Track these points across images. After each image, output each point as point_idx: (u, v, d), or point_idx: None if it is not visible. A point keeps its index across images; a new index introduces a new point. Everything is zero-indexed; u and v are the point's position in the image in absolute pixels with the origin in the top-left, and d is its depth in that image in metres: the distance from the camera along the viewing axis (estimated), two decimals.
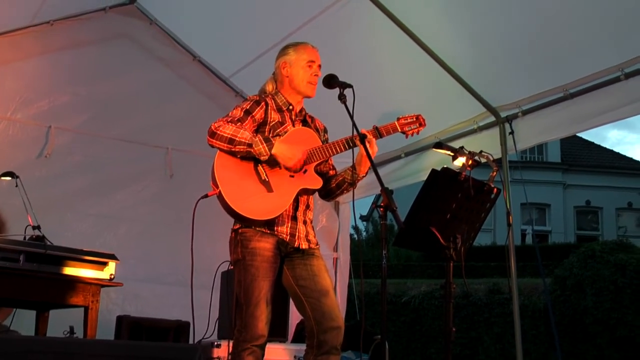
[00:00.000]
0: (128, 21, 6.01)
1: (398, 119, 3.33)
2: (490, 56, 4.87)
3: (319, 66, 3.35)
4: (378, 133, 3.25)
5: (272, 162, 3.12)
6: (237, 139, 3.03)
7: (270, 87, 3.41)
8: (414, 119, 3.35)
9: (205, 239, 3.71)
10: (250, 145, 3.02)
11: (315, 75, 3.32)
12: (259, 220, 3.07)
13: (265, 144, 3.03)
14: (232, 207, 3.02)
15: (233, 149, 3.04)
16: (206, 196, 3.09)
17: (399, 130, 3.32)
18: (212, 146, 3.10)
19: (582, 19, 4.23)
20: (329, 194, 3.45)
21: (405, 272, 16.88)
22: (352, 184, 3.34)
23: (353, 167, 3.30)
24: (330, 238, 6.79)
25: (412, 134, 3.36)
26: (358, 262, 3.82)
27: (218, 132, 3.06)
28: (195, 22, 5.93)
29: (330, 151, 3.22)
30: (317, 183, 3.25)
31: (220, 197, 3.05)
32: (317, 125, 3.49)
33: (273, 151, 3.05)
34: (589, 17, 4.20)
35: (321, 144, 3.29)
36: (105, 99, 5.90)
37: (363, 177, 3.32)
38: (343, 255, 6.83)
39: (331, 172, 3.47)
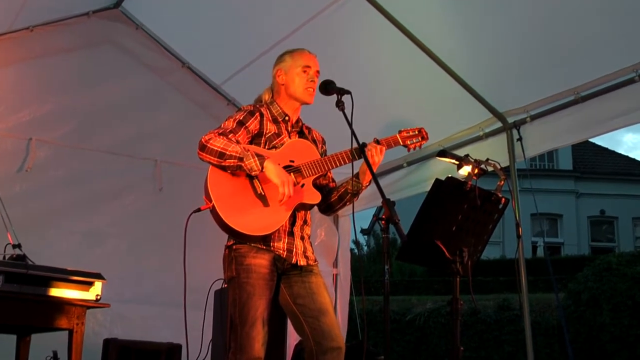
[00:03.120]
0: (113, 26, 6.02)
1: (400, 132, 3.37)
2: (496, 58, 4.88)
3: (317, 72, 3.36)
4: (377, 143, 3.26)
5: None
6: (227, 152, 3.02)
7: (266, 96, 3.42)
8: (416, 132, 3.40)
9: (197, 255, 3.70)
10: (241, 159, 3.01)
11: (311, 81, 3.33)
12: (254, 236, 3.07)
13: (257, 159, 3.02)
14: (227, 222, 3.01)
15: (223, 163, 3.04)
16: (199, 210, 3.09)
17: (401, 143, 3.37)
18: (202, 160, 3.10)
19: (594, 18, 4.24)
20: (330, 208, 3.46)
21: (409, 288, 16.86)
22: (355, 195, 3.36)
23: (356, 176, 3.31)
24: (329, 253, 6.78)
25: (414, 148, 3.40)
26: (359, 279, 3.83)
27: (208, 145, 3.06)
28: (183, 27, 5.94)
29: (329, 164, 3.23)
30: (316, 198, 3.25)
31: (213, 211, 3.05)
32: (315, 136, 3.51)
33: (265, 165, 3.02)
34: (600, 16, 4.21)
35: (319, 156, 3.30)
36: (90, 109, 5.90)
37: (367, 186, 3.33)
38: (343, 271, 6.82)
39: (331, 185, 3.48)
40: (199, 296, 4.14)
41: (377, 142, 3.26)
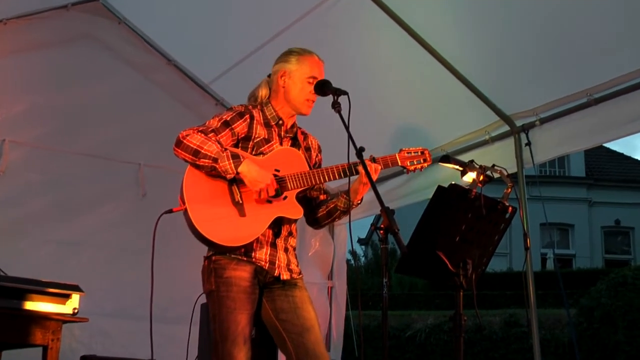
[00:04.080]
0: (93, 20, 6.01)
1: (400, 151, 3.35)
2: (503, 57, 4.90)
3: None
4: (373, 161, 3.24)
5: None
6: (202, 151, 3.02)
7: (263, 92, 3.40)
8: (419, 153, 3.36)
9: (184, 264, 3.71)
10: (215, 160, 3.00)
11: (315, 94, 3.31)
12: (224, 246, 3.07)
13: (232, 161, 3.01)
14: (197, 228, 3.02)
15: (197, 162, 3.04)
16: (170, 211, 3.10)
17: (399, 163, 3.33)
18: (178, 157, 3.10)
19: (607, 15, 4.25)
20: (317, 222, 3.47)
21: (409, 302, 16.87)
22: (346, 212, 3.36)
23: (347, 193, 3.29)
24: (324, 264, 6.78)
25: (414, 170, 3.37)
26: (356, 292, 3.84)
27: (184, 141, 3.06)
28: (169, 22, 5.94)
29: (316, 179, 3.22)
30: (296, 213, 3.23)
31: (186, 215, 3.06)
32: (310, 143, 3.50)
33: (240, 169, 3.02)
34: (615, 13, 4.22)
35: (308, 169, 3.28)
36: (67, 109, 5.89)
37: (358, 204, 3.32)
38: (339, 283, 6.82)
39: (322, 197, 3.49)
40: (186, 309, 4.14)
41: (373, 160, 3.25)
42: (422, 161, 3.35)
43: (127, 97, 6.18)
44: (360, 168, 3.12)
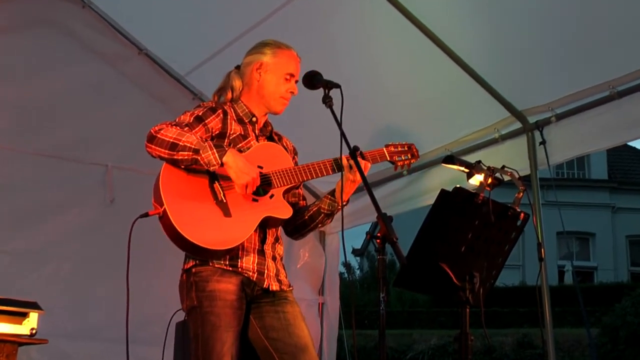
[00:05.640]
0: (54, 4, 5.99)
1: (387, 146, 3.45)
2: (513, 45, 4.90)
3: (297, 81, 3.40)
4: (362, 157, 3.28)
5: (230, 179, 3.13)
6: (181, 143, 3.02)
7: (238, 84, 3.41)
8: (406, 149, 3.49)
9: (156, 281, 3.70)
10: (196, 152, 3.00)
11: (290, 92, 3.38)
12: (211, 249, 3.05)
13: (215, 150, 3.02)
14: (180, 231, 2.99)
15: (175, 156, 3.03)
16: (146, 215, 3.10)
17: (387, 158, 3.45)
18: (151, 154, 3.10)
19: None
20: (297, 230, 3.50)
21: (410, 320, 16.91)
22: (330, 216, 3.40)
23: (331, 194, 3.35)
24: (314, 278, 6.79)
25: (401, 166, 3.49)
26: (350, 309, 3.84)
27: (158, 135, 3.06)
28: (141, 5, 5.91)
29: (304, 175, 3.26)
30: (286, 212, 3.26)
31: (164, 218, 3.04)
32: (286, 144, 3.55)
33: (224, 159, 3.03)
34: None
35: (292, 165, 3.34)
36: (26, 104, 5.87)
37: (344, 206, 3.33)
38: (331, 299, 6.84)
39: (301, 203, 3.52)
40: (158, 329, 4.13)
41: (362, 155, 3.28)
42: (409, 157, 3.49)
43: (92, 90, 6.15)
44: (346, 162, 3.18)
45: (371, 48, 5.33)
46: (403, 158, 3.45)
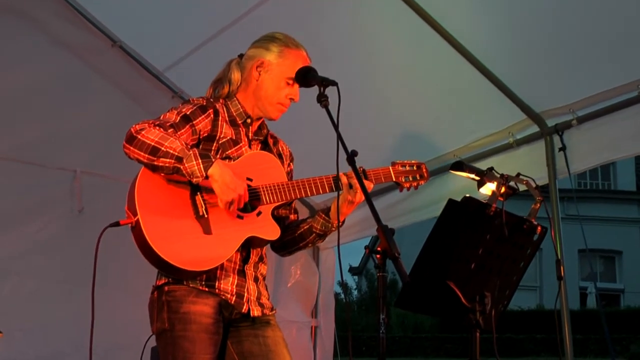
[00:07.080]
0: None
1: (393, 164, 3.41)
2: (531, 42, 4.92)
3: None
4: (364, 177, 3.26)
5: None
6: (163, 148, 2.97)
7: (236, 77, 3.38)
8: (415, 168, 3.44)
9: (131, 296, 3.68)
10: (179, 160, 2.96)
11: (290, 98, 3.34)
12: (185, 270, 3.03)
13: (200, 160, 2.98)
14: (152, 245, 2.97)
15: (155, 162, 2.98)
16: (117, 224, 3.07)
17: (393, 179, 3.40)
18: (129, 155, 3.05)
19: None
20: (285, 247, 3.50)
21: (413, 347, 16.91)
22: (322, 237, 3.40)
23: (325, 213, 3.34)
24: (307, 298, 6.79)
25: (408, 188, 3.43)
26: (346, 333, 3.84)
27: (139, 136, 3.01)
28: None
29: (297, 192, 3.25)
30: (273, 233, 3.24)
31: (136, 230, 3.01)
32: (282, 149, 3.55)
33: (210, 171, 2.99)
34: None
35: (286, 179, 3.31)
36: None
37: (338, 227, 3.28)
38: (325, 322, 6.84)
39: (292, 217, 3.52)
40: (132, 354, 4.13)
41: (364, 172, 3.27)
42: (417, 177, 3.42)
43: (60, 87, 6.14)
44: (345, 181, 3.15)
45: (371, 42, 5.33)
46: (411, 179, 3.40)
